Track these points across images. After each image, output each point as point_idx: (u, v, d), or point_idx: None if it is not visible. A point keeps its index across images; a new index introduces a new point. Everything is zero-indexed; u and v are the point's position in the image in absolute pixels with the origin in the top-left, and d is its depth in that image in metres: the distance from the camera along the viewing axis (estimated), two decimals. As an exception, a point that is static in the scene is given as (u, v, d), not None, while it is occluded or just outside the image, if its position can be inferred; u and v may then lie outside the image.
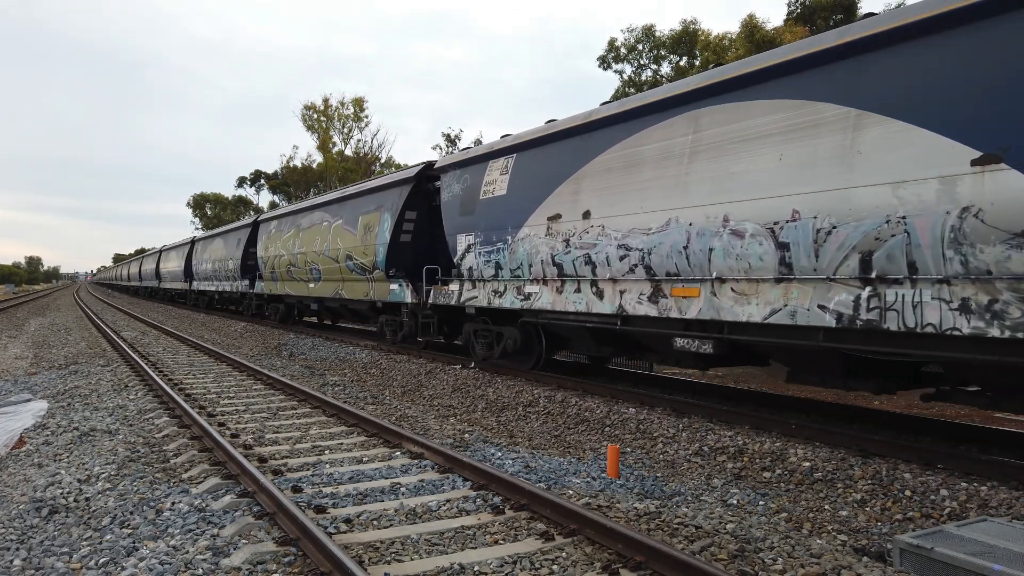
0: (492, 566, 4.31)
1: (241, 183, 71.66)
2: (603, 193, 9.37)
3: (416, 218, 14.70)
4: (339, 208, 17.98)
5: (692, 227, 8.02)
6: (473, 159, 12.44)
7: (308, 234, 19.77)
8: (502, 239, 11.31)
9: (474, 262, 12.11)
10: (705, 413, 8.62)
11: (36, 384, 12.66)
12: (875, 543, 5.20)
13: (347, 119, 54.73)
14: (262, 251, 24.24)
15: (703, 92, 8.12)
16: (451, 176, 13.09)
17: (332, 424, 8.58)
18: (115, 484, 6.10)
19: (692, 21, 27.29)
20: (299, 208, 21.50)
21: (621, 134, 9.22)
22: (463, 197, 12.47)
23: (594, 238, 9.43)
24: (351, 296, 17.13)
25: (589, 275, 9.64)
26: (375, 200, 15.78)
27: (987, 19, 5.71)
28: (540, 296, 10.59)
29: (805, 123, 6.93)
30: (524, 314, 11.16)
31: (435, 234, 14.29)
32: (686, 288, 8.22)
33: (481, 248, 11.88)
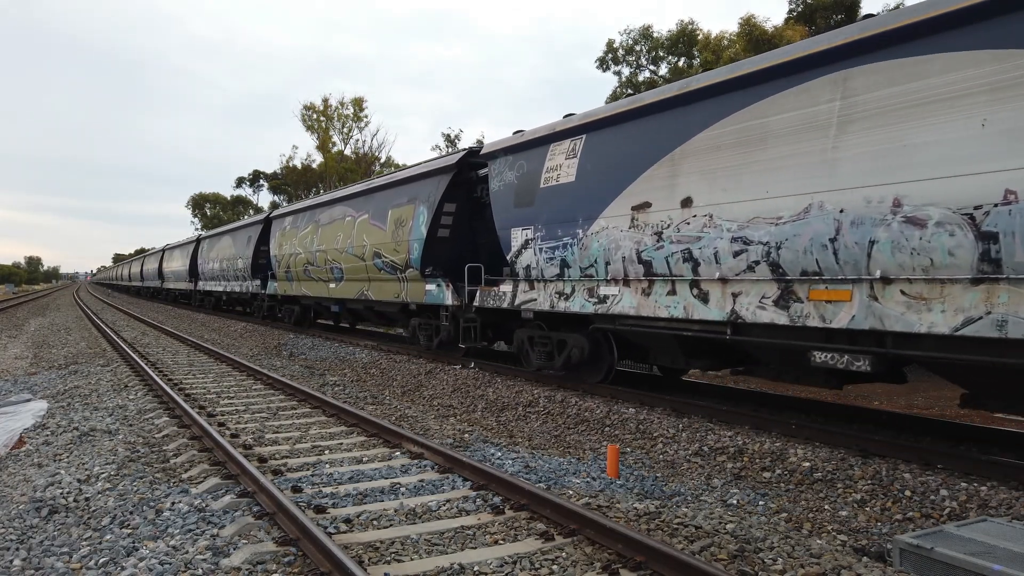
0: (492, 566, 4.31)
1: (240, 183, 71.69)
2: (710, 176, 7.90)
3: (455, 211, 13.36)
4: (365, 202, 16.58)
5: (844, 214, 6.53)
6: (530, 143, 10.98)
7: (328, 230, 18.40)
8: (570, 233, 9.92)
9: (533, 260, 10.74)
10: (705, 413, 8.62)
11: (36, 384, 12.66)
12: (875, 543, 5.20)
13: (347, 119, 54.74)
14: (275, 249, 22.85)
15: (855, 48, 6.64)
16: (502, 163, 11.67)
17: (332, 424, 8.58)
18: (115, 484, 6.10)
19: (690, 22, 27.27)
20: (317, 203, 20.09)
21: (733, 105, 7.74)
22: (518, 186, 11.08)
23: (697, 230, 8.01)
24: (379, 297, 15.80)
25: (688, 274, 8.19)
26: (408, 192, 14.42)
27: None
28: (619, 299, 9.17)
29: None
30: (596, 320, 9.71)
31: (475, 229, 13.34)
32: (832, 290, 6.76)
33: (542, 244, 10.50)
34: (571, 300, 10.07)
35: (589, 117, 9.94)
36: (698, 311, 8.09)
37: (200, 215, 77.59)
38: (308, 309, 22.09)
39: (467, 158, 13.09)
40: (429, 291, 13.60)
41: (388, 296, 15.32)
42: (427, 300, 13.65)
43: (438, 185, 13.32)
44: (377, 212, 15.66)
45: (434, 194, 13.32)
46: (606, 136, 9.60)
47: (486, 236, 12.77)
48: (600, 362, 10.27)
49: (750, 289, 7.55)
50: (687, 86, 8.40)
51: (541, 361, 11.14)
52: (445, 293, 13.06)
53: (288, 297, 22.78)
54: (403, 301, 14.70)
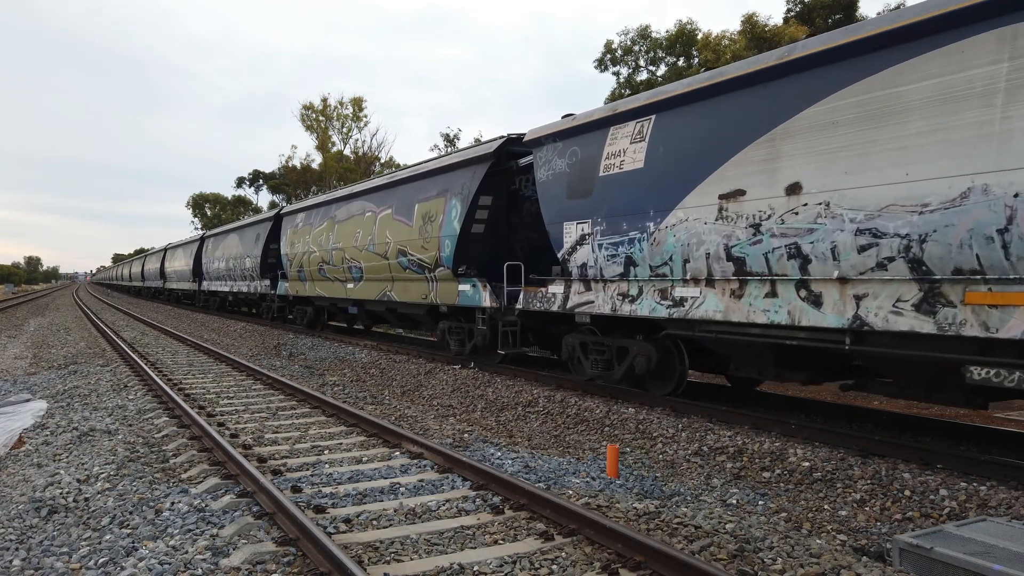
0: (491, 566, 4.31)
1: (240, 183, 71.69)
2: (825, 157, 6.84)
3: (491, 204, 12.27)
4: (387, 195, 15.38)
5: (1020, 199, 5.43)
6: (585, 126, 9.86)
7: (346, 227, 17.29)
8: (637, 227, 8.81)
9: (590, 257, 9.61)
10: (704, 413, 8.62)
11: (35, 384, 12.66)
12: (874, 543, 5.20)
13: (346, 119, 54.75)
14: (287, 247, 21.73)
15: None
16: (550, 150, 10.53)
17: (331, 424, 8.58)
18: (114, 484, 6.10)
19: (688, 21, 27.27)
20: (333, 197, 18.89)
21: (850, 74, 6.67)
22: (572, 175, 9.98)
23: (808, 221, 6.89)
24: (404, 299, 14.65)
25: (794, 273, 7.08)
26: (438, 184, 13.28)
27: None
28: (702, 301, 8.09)
29: None
30: (669, 325, 8.69)
31: (512, 224, 12.47)
32: (999, 293, 5.62)
33: (602, 239, 9.36)
34: (638, 303, 8.96)
35: (659, 95, 8.76)
36: (807, 316, 6.98)
37: (200, 215, 77.59)
38: (321, 311, 21.08)
39: (506, 146, 11.95)
40: (463, 292, 12.50)
41: (414, 297, 14.23)
42: (460, 302, 12.56)
43: (473, 176, 12.19)
44: (402, 206, 14.53)
45: (468, 186, 12.21)
46: (682, 116, 8.43)
47: (524, 232, 12.11)
48: (668, 372, 9.23)
49: (880, 291, 6.42)
50: (788, 54, 7.29)
51: (597, 370, 10.08)
52: (482, 294, 11.97)
53: (300, 298, 21.77)
54: (431, 303, 13.61)
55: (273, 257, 23.79)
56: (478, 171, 12.11)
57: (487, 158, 11.96)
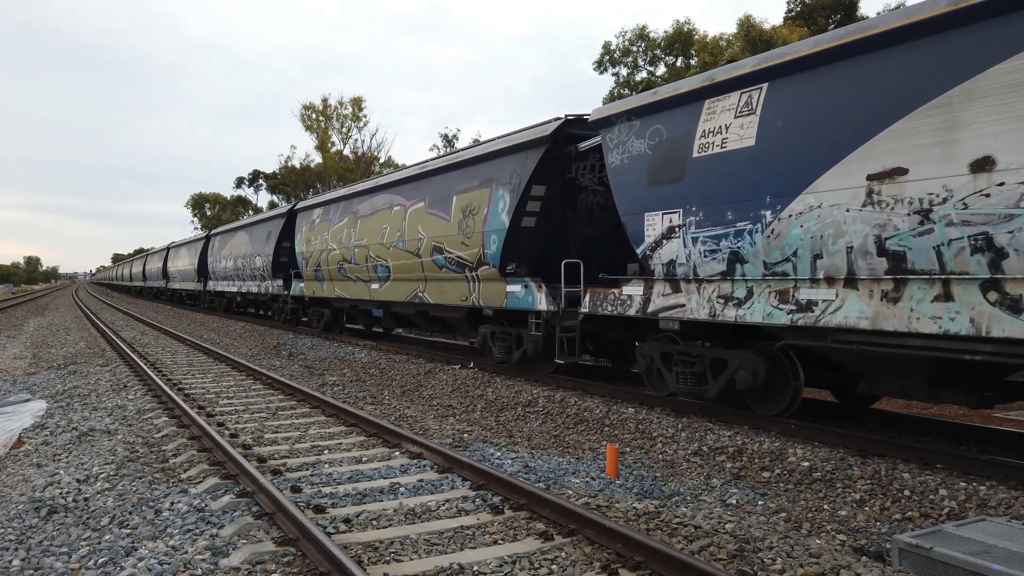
0: (491, 566, 4.31)
1: (239, 183, 71.71)
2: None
3: (544, 195, 11.03)
4: (419, 187, 14.10)
5: None
6: (671, 100, 8.56)
7: (370, 222, 16.06)
8: (748, 216, 7.54)
9: (680, 253, 8.34)
10: (704, 413, 8.61)
11: (35, 384, 12.66)
12: (874, 543, 5.20)
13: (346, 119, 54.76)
14: (302, 245, 20.45)
15: None
16: (625, 130, 9.20)
17: (331, 424, 8.58)
18: (114, 484, 6.10)
19: (686, 21, 27.29)
20: (355, 191, 17.62)
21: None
22: (655, 158, 8.68)
23: (1006, 205, 5.57)
24: (439, 300, 13.38)
25: (980, 271, 5.78)
26: (481, 173, 12.02)
27: None
28: (839, 306, 6.73)
29: None
30: (789, 334, 7.44)
31: (567, 217, 11.39)
32: None
33: (697, 231, 8.12)
34: (747, 307, 7.66)
35: (773, 59, 7.49)
36: (1001, 325, 5.66)
37: (200, 215, 77.62)
38: (340, 313, 19.77)
39: (565, 128, 10.70)
40: (512, 293, 11.27)
41: (452, 299, 12.92)
42: (509, 305, 11.33)
43: (524, 163, 10.95)
44: (437, 199, 13.27)
45: (519, 174, 10.98)
46: (808, 82, 7.15)
47: (579, 226, 11.11)
48: (778, 389, 7.92)
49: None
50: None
51: (685, 385, 8.73)
52: (536, 296, 10.73)
53: (317, 299, 20.42)
54: (472, 305, 12.34)
55: (286, 256, 22.59)
56: (531, 157, 10.85)
57: (542, 142, 10.67)
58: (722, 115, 7.95)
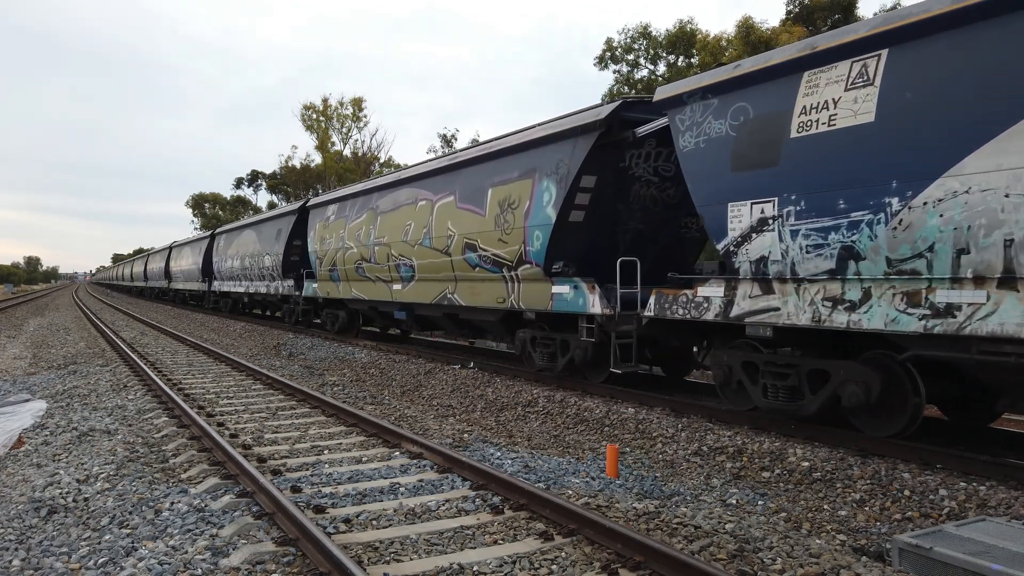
0: (491, 566, 4.32)
1: (239, 184, 71.72)
2: None
3: (595, 186, 10.04)
4: (448, 180, 13.06)
5: None
6: (760, 74, 7.61)
7: (392, 219, 15.11)
8: (868, 204, 6.55)
9: (775, 248, 7.38)
10: (704, 413, 8.62)
11: (35, 384, 12.66)
12: (874, 543, 5.20)
13: (346, 119, 54.79)
14: (315, 244, 19.47)
15: None
16: (700, 110, 8.24)
17: (331, 424, 8.58)
18: (114, 484, 6.10)
19: (689, 20, 27.32)
20: (375, 185, 16.63)
21: None
22: (741, 140, 7.73)
23: None
24: (471, 302, 12.40)
25: None
26: (522, 162, 11.05)
27: None
28: (990, 311, 5.72)
29: None
30: (920, 344, 6.38)
31: (618, 212, 10.42)
32: None
33: (797, 223, 7.15)
34: (863, 311, 6.65)
35: (894, 21, 6.51)
36: None
37: (200, 215, 77.66)
38: (356, 315, 18.79)
39: (622, 111, 9.68)
40: (558, 295, 10.34)
41: (487, 300, 11.98)
42: (555, 307, 10.40)
43: (573, 150, 9.97)
44: (469, 192, 12.32)
45: (567, 163, 10.01)
46: (943, 45, 6.12)
47: (630, 221, 10.31)
48: (895, 405, 6.87)
49: None
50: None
51: (776, 400, 7.72)
52: (588, 298, 9.75)
53: (332, 300, 19.38)
54: (511, 307, 11.41)
55: (297, 255, 21.65)
56: (581, 144, 9.85)
57: (594, 127, 9.65)
58: (827, 88, 6.95)
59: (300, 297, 21.29)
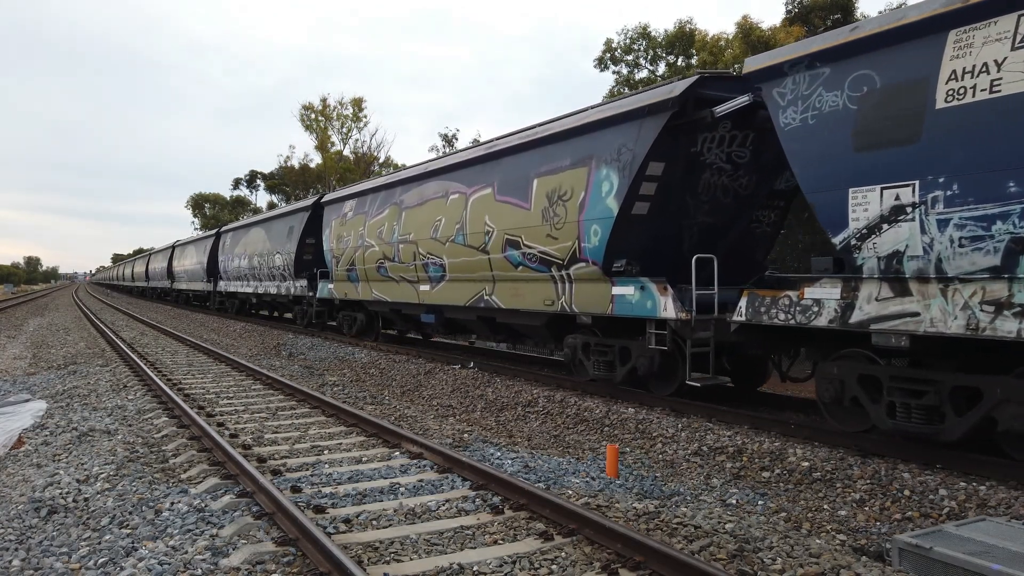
0: (491, 566, 4.31)
1: (237, 184, 71.70)
2: None
3: (663, 174, 8.92)
4: (483, 171, 12.06)
5: None
6: (888, 35, 6.45)
7: (418, 214, 14.04)
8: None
9: (914, 242, 6.27)
10: (704, 413, 8.62)
11: (35, 384, 12.66)
12: (874, 543, 5.20)
13: (346, 119, 54.76)
14: (331, 241, 18.40)
15: None
16: (805, 81, 7.17)
17: (331, 424, 8.58)
18: (114, 484, 6.10)
19: (688, 20, 27.30)
20: (398, 179, 15.43)
21: None
22: (866, 114, 6.60)
23: None
24: (513, 304, 11.37)
25: None
26: (575, 148, 9.98)
27: None
28: None
29: None
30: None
31: (685, 203, 9.35)
32: None
33: (948, 211, 6.03)
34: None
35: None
36: None
37: (200, 215, 77.64)
38: (375, 318, 17.73)
39: (697, 88, 8.55)
40: (620, 296, 9.31)
41: (531, 303, 10.96)
42: (617, 311, 9.36)
43: (639, 134, 8.84)
44: (509, 183, 11.29)
45: (632, 148, 8.88)
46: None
47: (697, 214, 9.35)
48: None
49: None
50: None
51: (910, 423, 6.54)
52: (658, 300, 8.73)
53: (349, 302, 18.40)
54: (560, 311, 10.37)
55: (310, 253, 20.65)
56: (649, 126, 8.74)
57: (666, 107, 8.52)
58: (985, 48, 5.83)
59: (314, 298, 20.27)
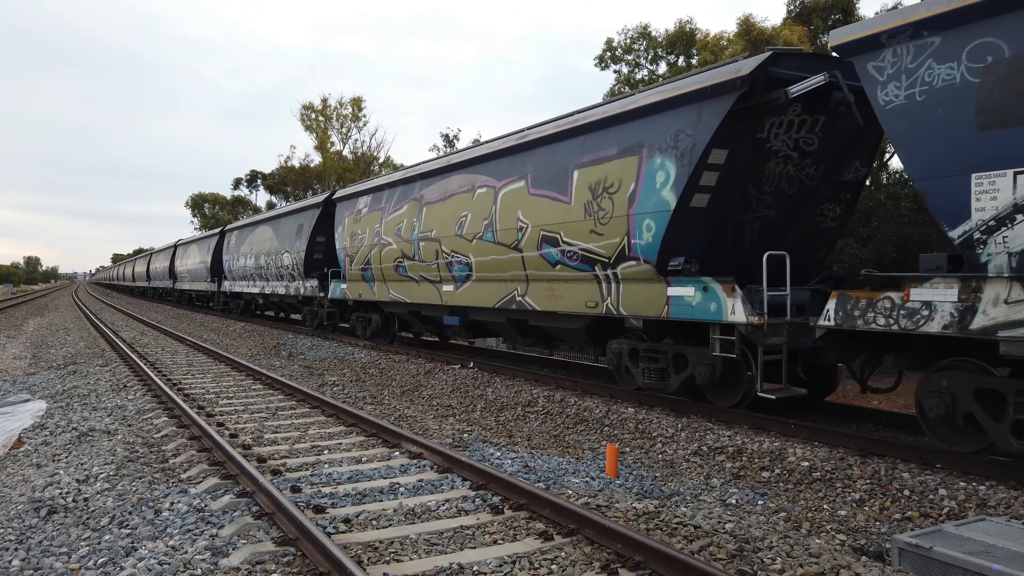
0: (491, 566, 4.31)
1: (237, 184, 71.67)
2: None
3: (725, 162, 8.12)
4: (515, 162, 11.27)
5: None
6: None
7: (441, 209, 13.26)
8: None
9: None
10: (704, 413, 8.61)
11: (35, 384, 12.66)
12: (874, 543, 5.20)
13: (345, 119, 54.72)
14: (344, 240, 17.63)
15: None
16: (910, 53, 6.35)
17: (331, 424, 8.58)
18: (114, 484, 6.10)
19: (688, 20, 27.32)
20: (416, 173, 14.62)
21: None
22: (991, 88, 5.80)
23: None
24: (550, 306, 10.56)
25: None
26: (622, 135, 9.15)
27: None
28: None
29: None
30: None
31: (747, 195, 8.52)
32: None
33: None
34: None
35: None
36: None
37: (200, 215, 77.61)
38: (392, 319, 16.94)
39: (769, 66, 7.69)
40: (678, 298, 8.46)
41: (571, 305, 10.15)
42: (674, 314, 8.50)
43: (700, 118, 8.10)
44: (546, 175, 10.48)
45: (691, 134, 8.13)
46: None
47: (758, 207, 8.52)
48: None
49: None
50: None
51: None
52: (724, 302, 7.87)
53: (363, 303, 17.61)
54: (605, 313, 9.52)
55: (320, 252, 19.98)
56: (711, 110, 7.98)
57: (731, 88, 7.75)
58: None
59: (325, 299, 19.42)
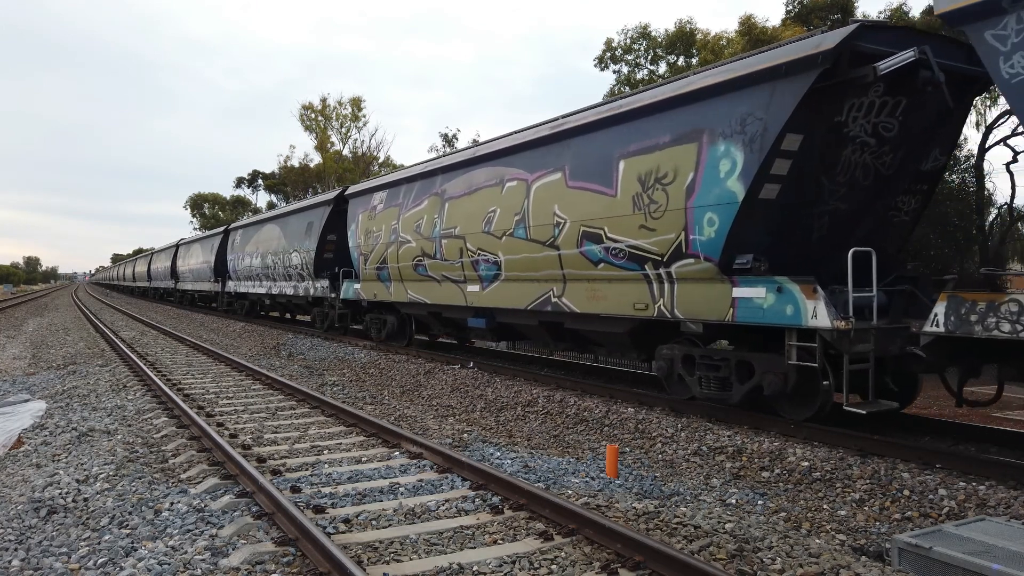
0: (491, 566, 4.31)
1: (239, 183, 71.65)
2: None
3: (799, 149, 7.31)
4: (551, 153, 10.40)
5: None
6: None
7: (466, 204, 12.50)
8: None
9: None
10: (704, 413, 8.61)
11: (34, 384, 12.66)
12: (873, 543, 5.20)
13: (345, 119, 54.71)
14: (358, 238, 16.84)
15: None
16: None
17: (331, 424, 8.57)
18: (113, 484, 6.10)
19: (688, 20, 27.32)
20: (437, 167, 13.77)
21: None
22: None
23: None
24: (591, 308, 9.76)
25: None
26: (676, 121, 8.36)
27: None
28: None
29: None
30: None
31: (820, 185, 7.71)
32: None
33: None
34: None
35: None
36: None
37: (199, 215, 77.59)
38: (409, 321, 16.03)
39: (854, 40, 6.81)
40: (746, 300, 7.64)
41: (616, 307, 9.36)
42: (741, 317, 7.71)
43: (772, 99, 7.25)
44: (586, 166, 9.69)
45: (762, 117, 7.30)
46: None
47: (831, 198, 7.82)
48: None
49: None
50: None
51: None
52: (803, 305, 7.07)
53: (379, 304, 16.71)
54: (658, 316, 8.72)
55: (331, 251, 19.21)
56: (785, 90, 7.11)
57: (811, 64, 6.87)
58: None
59: (337, 300, 18.55)
